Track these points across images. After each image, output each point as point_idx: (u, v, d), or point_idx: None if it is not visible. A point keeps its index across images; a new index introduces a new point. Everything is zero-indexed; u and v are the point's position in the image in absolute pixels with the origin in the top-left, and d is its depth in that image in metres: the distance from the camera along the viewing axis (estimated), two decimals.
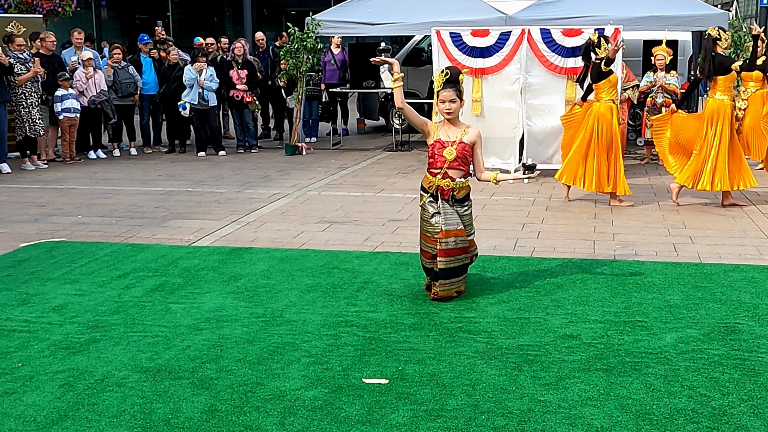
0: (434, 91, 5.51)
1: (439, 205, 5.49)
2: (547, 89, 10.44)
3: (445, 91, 5.42)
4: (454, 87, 5.41)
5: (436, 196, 5.51)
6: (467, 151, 5.47)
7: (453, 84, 5.42)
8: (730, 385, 4.18)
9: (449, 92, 5.41)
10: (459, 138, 5.45)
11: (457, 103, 5.43)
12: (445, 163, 5.44)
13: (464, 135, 5.47)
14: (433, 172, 5.51)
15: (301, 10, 23.76)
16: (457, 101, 5.42)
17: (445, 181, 5.47)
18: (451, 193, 5.50)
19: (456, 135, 5.47)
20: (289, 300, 5.65)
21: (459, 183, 5.49)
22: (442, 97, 5.43)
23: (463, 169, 5.49)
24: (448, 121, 5.50)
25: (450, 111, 5.44)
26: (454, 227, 5.46)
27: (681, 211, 8.52)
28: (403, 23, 12.61)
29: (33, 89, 11.76)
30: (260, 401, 4.05)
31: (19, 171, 11.64)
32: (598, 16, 11.40)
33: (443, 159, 5.44)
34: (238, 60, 13.50)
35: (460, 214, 5.52)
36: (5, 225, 8.18)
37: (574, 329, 5.01)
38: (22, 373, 4.42)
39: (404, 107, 5.45)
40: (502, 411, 3.92)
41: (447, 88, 5.41)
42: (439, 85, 5.45)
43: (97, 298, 5.72)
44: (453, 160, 5.42)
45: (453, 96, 5.41)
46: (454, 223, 5.47)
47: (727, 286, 5.86)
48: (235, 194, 9.73)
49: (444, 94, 5.42)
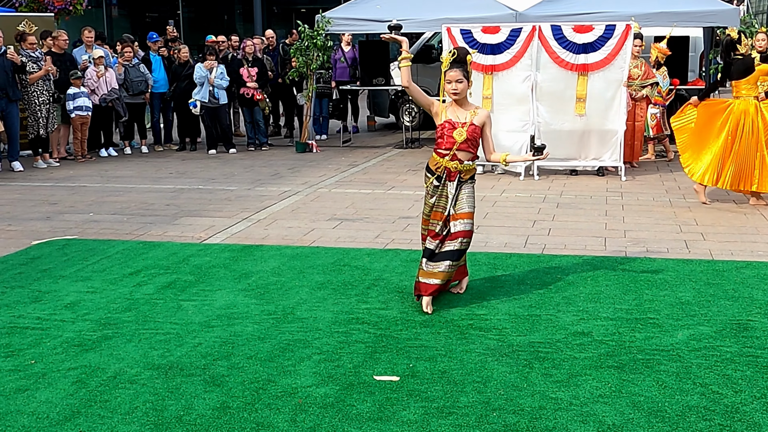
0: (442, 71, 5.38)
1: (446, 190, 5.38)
2: (558, 86, 10.41)
3: (451, 71, 5.26)
4: (461, 67, 5.26)
5: (442, 178, 5.38)
6: (477, 134, 5.34)
7: (460, 64, 5.27)
8: (743, 383, 4.17)
9: (456, 72, 5.25)
10: (469, 120, 5.32)
11: (464, 83, 5.27)
12: (455, 145, 5.31)
13: (474, 116, 5.34)
14: (440, 153, 5.37)
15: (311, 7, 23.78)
16: (464, 81, 5.27)
17: (453, 163, 5.34)
18: (458, 175, 5.37)
19: (465, 116, 5.34)
20: (300, 297, 5.65)
21: (467, 165, 5.36)
22: (448, 77, 5.28)
23: (472, 151, 5.36)
24: (456, 102, 5.37)
25: (457, 91, 5.28)
26: (467, 210, 5.38)
27: (692, 207, 8.48)
28: (413, 20, 12.59)
29: (45, 87, 11.81)
30: (271, 398, 4.06)
31: (31, 169, 11.70)
32: (609, 12, 11.38)
33: (453, 140, 5.31)
34: (249, 58, 13.52)
35: (466, 195, 5.40)
36: (18, 223, 8.22)
37: (586, 326, 5.00)
38: (34, 370, 4.45)
39: (410, 86, 5.35)
40: (514, 408, 3.92)
41: (454, 68, 5.27)
42: (446, 65, 5.30)
43: (109, 296, 5.74)
44: (462, 142, 5.30)
45: (460, 76, 5.25)
46: (467, 206, 5.38)
47: (739, 283, 5.84)
48: (245, 192, 9.75)
49: (450, 74, 5.27)
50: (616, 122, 10.35)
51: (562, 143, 10.57)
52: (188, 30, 28.19)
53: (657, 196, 9.13)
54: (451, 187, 5.37)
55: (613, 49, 10.15)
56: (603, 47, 10.17)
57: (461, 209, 5.36)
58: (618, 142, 10.39)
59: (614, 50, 10.16)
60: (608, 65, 10.21)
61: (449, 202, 5.37)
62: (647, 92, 10.93)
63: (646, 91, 10.91)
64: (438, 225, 5.42)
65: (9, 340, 4.91)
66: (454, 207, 5.37)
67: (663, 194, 9.26)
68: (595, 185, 9.92)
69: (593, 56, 10.22)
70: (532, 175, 10.48)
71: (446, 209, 5.39)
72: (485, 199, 8.99)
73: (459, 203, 5.37)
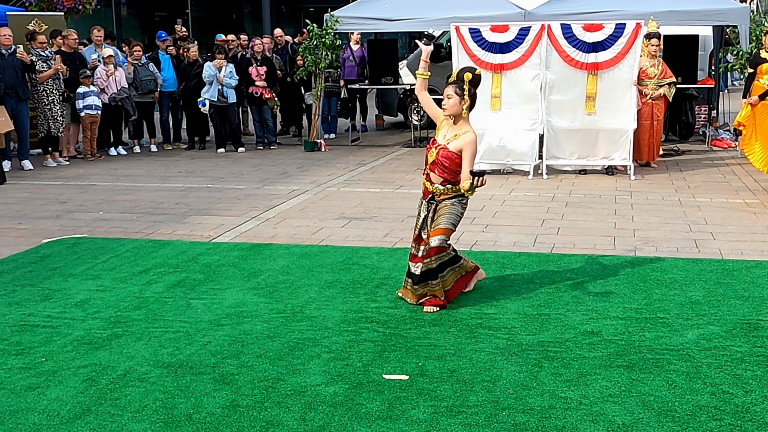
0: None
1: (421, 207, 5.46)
2: (568, 85, 10.39)
3: (447, 89, 5.33)
4: (456, 84, 5.30)
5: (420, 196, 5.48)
6: (447, 158, 5.24)
7: (456, 82, 5.32)
8: (753, 383, 4.16)
9: (448, 88, 5.31)
10: (446, 142, 5.30)
11: (454, 99, 5.26)
12: (427, 164, 5.38)
13: (453, 140, 5.26)
14: (423, 170, 5.47)
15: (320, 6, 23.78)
16: (453, 98, 5.26)
17: (427, 182, 5.40)
18: (431, 195, 5.37)
19: (447, 138, 5.32)
20: (309, 296, 5.66)
21: (438, 189, 5.33)
22: (444, 94, 5.37)
23: (443, 176, 5.29)
24: (459, 119, 5.34)
25: (445, 107, 5.31)
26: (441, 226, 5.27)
27: (702, 207, 8.46)
28: (422, 19, 12.57)
29: (54, 87, 11.85)
30: (281, 397, 4.07)
31: (41, 168, 11.74)
32: (618, 11, 11.34)
33: (426, 160, 5.40)
34: (257, 57, 13.54)
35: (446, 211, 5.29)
36: (28, 221, 8.25)
37: (595, 326, 4.99)
38: (45, 368, 4.47)
39: (422, 95, 5.49)
40: (523, 407, 3.92)
41: (449, 84, 5.34)
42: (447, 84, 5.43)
43: (119, 294, 5.76)
44: (431, 164, 5.32)
45: (450, 92, 5.28)
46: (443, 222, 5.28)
47: (749, 282, 5.82)
48: (254, 190, 9.76)
49: (446, 91, 5.34)
50: (626, 121, 10.33)
51: (571, 142, 10.56)
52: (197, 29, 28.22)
53: (666, 195, 9.10)
54: (423, 207, 5.42)
55: (623, 48, 10.12)
56: (613, 46, 10.14)
57: (436, 225, 5.30)
58: (628, 141, 10.36)
59: (624, 49, 10.12)
60: (618, 64, 10.17)
61: (420, 222, 5.41)
62: (664, 91, 10.82)
63: (664, 90, 10.81)
64: (413, 246, 5.48)
65: (20, 338, 4.93)
66: (429, 225, 5.34)
67: (672, 193, 9.24)
68: (604, 184, 9.90)
69: (603, 55, 10.19)
70: (541, 174, 10.46)
71: (419, 229, 5.43)
72: (494, 198, 8.98)
73: (436, 219, 5.32)
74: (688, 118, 13.84)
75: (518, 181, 10.22)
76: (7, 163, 11.46)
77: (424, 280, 5.34)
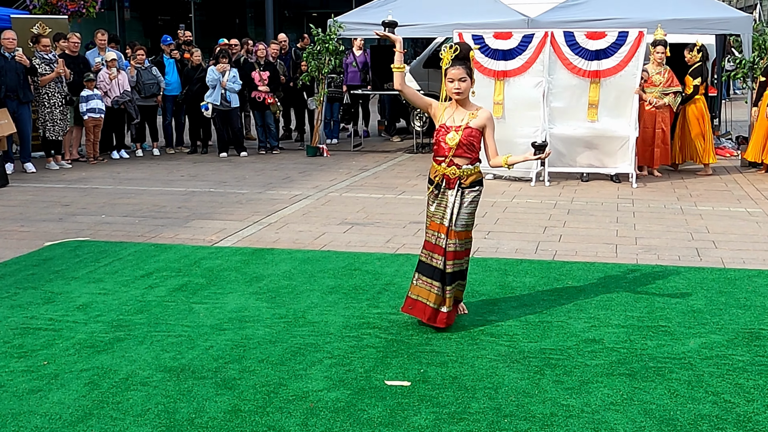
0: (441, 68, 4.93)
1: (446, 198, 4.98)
2: (571, 92, 10.41)
3: (454, 69, 4.85)
4: (464, 64, 4.86)
5: (441, 186, 5.00)
6: (474, 137, 4.91)
7: (463, 61, 4.87)
8: (755, 392, 4.16)
9: (459, 70, 4.85)
10: (465, 122, 4.91)
11: (467, 81, 4.88)
12: (450, 150, 4.92)
13: (472, 118, 4.92)
14: (437, 160, 5.01)
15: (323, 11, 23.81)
16: (467, 80, 4.87)
17: (450, 169, 4.95)
18: (458, 181, 4.95)
19: (463, 119, 4.93)
20: (311, 301, 5.66)
21: (466, 170, 4.95)
22: (450, 76, 4.87)
23: (470, 155, 4.94)
24: (458, 102, 4.97)
25: (459, 90, 4.88)
26: (463, 228, 5.00)
27: (704, 215, 8.46)
28: (425, 25, 12.62)
29: (56, 90, 11.86)
30: (283, 402, 4.07)
31: (43, 170, 11.75)
32: (621, 19, 11.37)
33: (447, 146, 4.93)
34: (261, 62, 13.56)
35: (467, 204, 4.96)
36: (30, 224, 8.26)
37: (597, 333, 4.99)
38: (47, 371, 4.47)
39: (404, 89, 5.02)
40: (525, 415, 3.92)
41: (456, 65, 4.85)
42: (447, 61, 4.87)
43: (121, 298, 5.76)
44: (457, 147, 4.90)
45: (463, 74, 4.85)
46: (462, 224, 4.98)
47: (751, 291, 5.82)
48: (257, 195, 9.77)
49: (453, 72, 4.86)
50: (628, 129, 10.34)
51: (573, 149, 10.58)
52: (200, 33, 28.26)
53: (668, 203, 9.11)
54: (451, 195, 4.97)
55: (626, 56, 10.15)
56: (615, 54, 10.17)
57: (456, 227, 4.98)
58: (630, 149, 10.37)
59: (627, 57, 10.15)
60: (621, 72, 10.20)
61: (449, 212, 4.96)
62: (669, 100, 10.78)
63: (668, 99, 10.77)
64: (434, 235, 5.04)
65: (22, 341, 4.93)
66: (455, 224, 4.98)
67: (674, 201, 9.24)
68: (606, 192, 9.91)
69: (606, 63, 10.22)
70: (543, 181, 10.47)
71: (444, 219, 4.98)
72: (496, 204, 8.99)
73: (459, 219, 4.98)
74: None
75: (520, 187, 10.23)
76: (10, 165, 11.48)
77: (456, 280, 5.06)
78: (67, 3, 14.80)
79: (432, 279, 5.04)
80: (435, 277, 5.03)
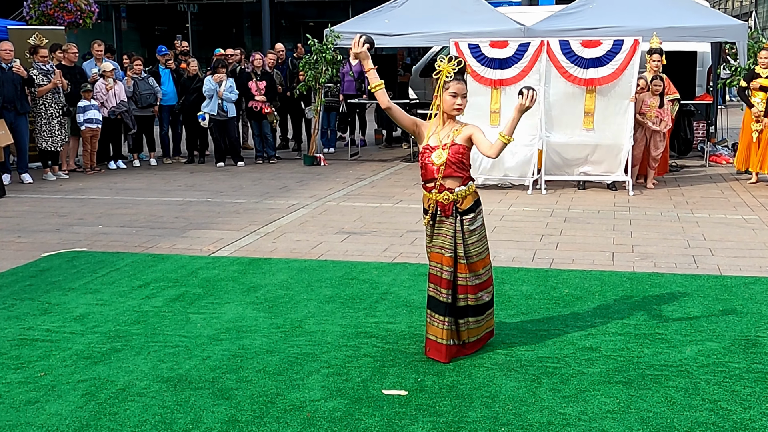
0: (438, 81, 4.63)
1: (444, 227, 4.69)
2: (567, 100, 10.43)
3: (457, 83, 4.58)
4: (464, 80, 4.64)
5: (436, 215, 4.70)
6: (462, 154, 4.62)
7: (463, 75, 4.64)
8: (752, 399, 4.16)
9: (462, 85, 4.59)
10: (451, 138, 4.61)
11: (467, 98, 4.67)
12: (438, 172, 4.61)
13: (457, 135, 4.62)
14: (428, 187, 4.71)
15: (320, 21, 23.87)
16: (466, 96, 4.66)
17: (443, 195, 4.65)
18: (453, 206, 4.68)
19: (448, 135, 4.64)
20: (308, 311, 5.66)
21: (460, 193, 4.66)
22: (454, 90, 4.58)
23: (461, 174, 4.65)
24: (448, 118, 4.68)
25: (461, 107, 4.62)
26: (477, 258, 4.73)
27: (700, 222, 8.48)
28: (421, 34, 12.66)
29: (54, 101, 11.87)
30: (280, 412, 4.07)
31: (40, 181, 11.75)
32: (617, 27, 11.41)
33: (434, 167, 4.64)
34: (257, 71, 13.59)
35: (470, 231, 4.69)
36: (27, 235, 8.26)
37: (594, 341, 5.00)
38: (44, 383, 4.46)
39: (391, 107, 4.64)
40: (522, 423, 3.92)
41: (458, 79, 4.59)
42: (448, 74, 4.58)
43: (118, 308, 5.76)
44: (446, 167, 4.60)
45: (465, 90, 4.62)
46: (474, 254, 4.71)
47: (747, 298, 5.83)
48: (254, 205, 9.78)
49: (457, 86, 4.58)
50: (624, 137, 10.36)
51: (570, 157, 10.60)
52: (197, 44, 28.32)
53: (665, 211, 9.12)
54: (449, 224, 4.67)
55: (621, 64, 10.17)
56: (611, 62, 10.19)
57: (471, 258, 4.70)
58: (626, 157, 10.39)
59: (622, 65, 10.18)
60: (616, 80, 10.23)
61: (450, 242, 4.66)
62: (667, 108, 10.83)
63: (666, 107, 10.82)
64: (436, 267, 4.71)
65: (19, 352, 4.93)
66: (465, 256, 4.69)
67: (671, 209, 9.26)
68: (602, 200, 9.93)
69: (601, 71, 10.24)
70: (540, 190, 10.49)
71: (445, 249, 4.67)
72: (493, 213, 9.00)
73: (468, 250, 4.70)
74: (686, 133, 13.90)
75: (517, 196, 10.24)
76: (7, 176, 11.48)
77: (485, 310, 4.84)
78: (63, 14, 14.85)
79: (442, 315, 4.70)
80: (444, 312, 4.70)
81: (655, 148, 10.72)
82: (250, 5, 28.10)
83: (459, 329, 4.79)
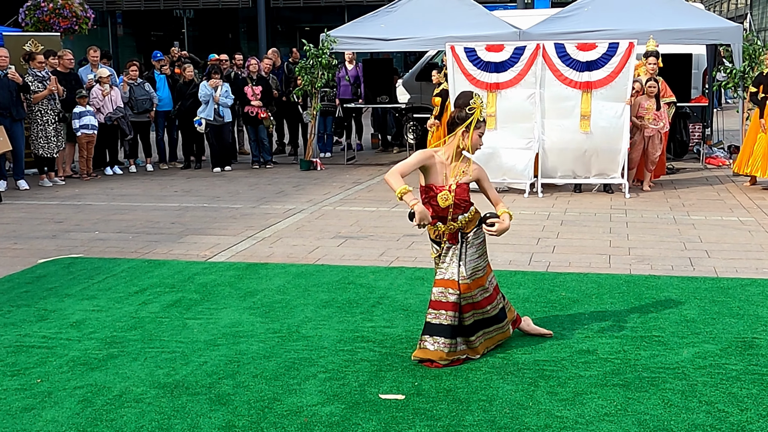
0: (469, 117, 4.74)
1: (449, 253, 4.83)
2: (563, 103, 10.44)
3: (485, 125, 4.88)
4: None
5: (443, 245, 4.84)
6: (465, 190, 4.79)
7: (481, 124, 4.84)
8: (749, 401, 4.16)
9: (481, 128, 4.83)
10: (456, 180, 4.77)
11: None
12: (445, 212, 4.78)
13: (464, 176, 4.78)
14: (433, 221, 4.81)
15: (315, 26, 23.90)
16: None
17: (449, 225, 4.81)
18: (459, 233, 4.82)
19: (455, 176, 4.78)
20: (305, 315, 5.66)
21: (464, 218, 4.80)
22: (483, 131, 4.82)
23: (465, 206, 4.81)
24: (460, 154, 4.81)
25: (481, 147, 4.90)
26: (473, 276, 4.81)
27: (697, 225, 8.49)
28: (417, 38, 12.67)
29: (49, 107, 11.87)
30: (277, 417, 4.06)
31: (36, 187, 11.74)
32: (612, 30, 11.42)
33: (440, 207, 4.77)
34: (253, 76, 13.59)
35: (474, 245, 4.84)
36: (23, 241, 8.25)
37: (591, 344, 5.00)
38: (41, 389, 4.46)
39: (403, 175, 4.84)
40: (519, 427, 3.92)
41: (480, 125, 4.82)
42: (479, 115, 4.76)
43: (115, 314, 5.75)
44: (454, 207, 4.76)
45: (484, 130, 4.85)
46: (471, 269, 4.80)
47: (744, 300, 5.83)
48: (250, 210, 9.78)
49: (485, 128, 4.87)
50: (621, 140, 10.37)
51: (567, 160, 10.60)
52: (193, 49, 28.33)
53: (661, 213, 9.13)
54: (455, 250, 4.81)
55: (617, 67, 10.19)
56: (606, 65, 10.21)
57: (476, 274, 4.83)
58: (622, 159, 10.41)
59: (617, 68, 10.19)
60: (612, 83, 10.24)
61: (457, 266, 4.78)
62: (664, 110, 10.82)
63: (663, 110, 10.81)
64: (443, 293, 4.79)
65: (15, 358, 4.92)
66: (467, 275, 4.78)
67: (667, 211, 9.27)
68: (599, 202, 9.94)
69: (597, 74, 10.26)
70: (536, 193, 10.49)
71: (454, 274, 4.77)
72: None
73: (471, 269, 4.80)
74: (682, 136, 13.92)
75: (513, 199, 10.25)
76: (3, 183, 11.47)
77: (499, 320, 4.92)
78: (59, 20, 14.85)
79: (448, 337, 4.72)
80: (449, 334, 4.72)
81: (653, 150, 10.72)
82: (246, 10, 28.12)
83: (472, 345, 4.80)
